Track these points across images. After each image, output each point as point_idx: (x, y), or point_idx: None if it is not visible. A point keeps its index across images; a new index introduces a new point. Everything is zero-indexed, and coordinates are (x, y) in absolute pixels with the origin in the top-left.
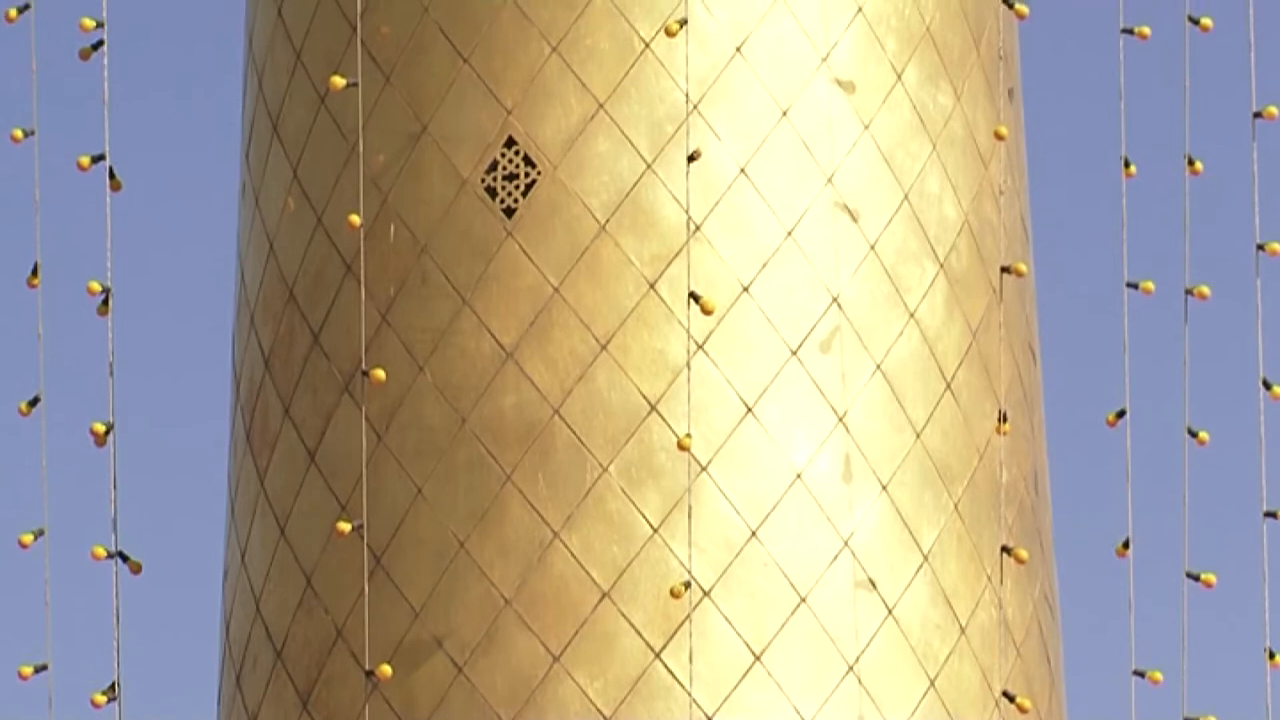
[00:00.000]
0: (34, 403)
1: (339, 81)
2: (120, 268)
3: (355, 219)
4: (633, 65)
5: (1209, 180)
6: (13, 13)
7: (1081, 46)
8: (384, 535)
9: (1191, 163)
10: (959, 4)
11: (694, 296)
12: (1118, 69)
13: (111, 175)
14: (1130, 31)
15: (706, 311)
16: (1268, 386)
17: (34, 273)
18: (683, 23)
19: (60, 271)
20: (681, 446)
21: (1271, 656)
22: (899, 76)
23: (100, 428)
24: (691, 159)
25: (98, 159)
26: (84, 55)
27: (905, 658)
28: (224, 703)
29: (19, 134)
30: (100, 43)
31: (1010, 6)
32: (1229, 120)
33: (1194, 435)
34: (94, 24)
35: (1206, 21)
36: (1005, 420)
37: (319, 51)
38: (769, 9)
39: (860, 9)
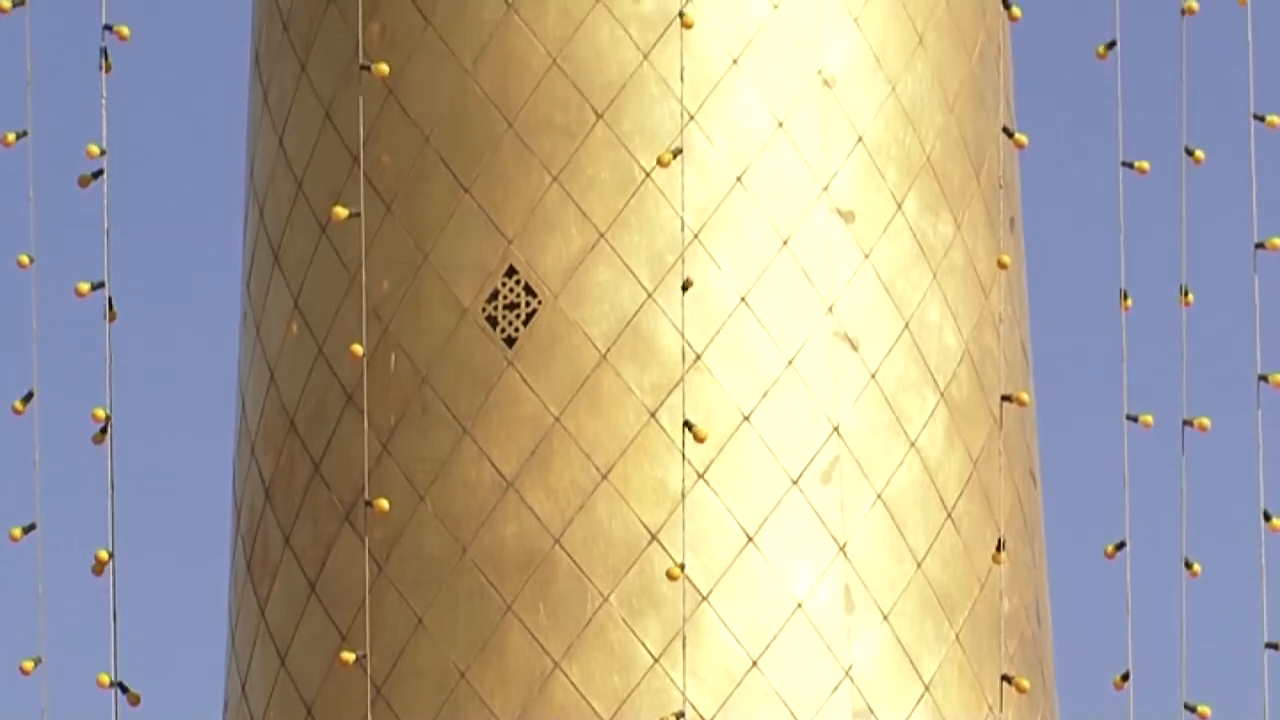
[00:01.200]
0: (29, 529)
1: (341, 212)
2: (120, 396)
3: (357, 349)
4: (633, 195)
5: (1209, 310)
6: (10, 137)
7: (1081, 177)
8: (384, 664)
9: (1185, 292)
10: (959, 133)
11: (688, 425)
12: (1117, 200)
13: (110, 305)
14: (1130, 165)
15: (699, 439)
16: (1268, 518)
17: (26, 398)
18: (676, 153)
19: (60, 399)
20: (671, 576)
21: None
22: (899, 206)
23: (102, 555)
24: (684, 288)
25: (98, 286)
26: (83, 182)
27: None
28: None
29: (25, 259)
30: (100, 171)
31: (1010, 136)
32: (1229, 252)
33: (1189, 567)
34: (98, 150)
35: (1199, 154)
36: (1003, 549)
37: (320, 181)
38: (769, 138)
39: (860, 138)
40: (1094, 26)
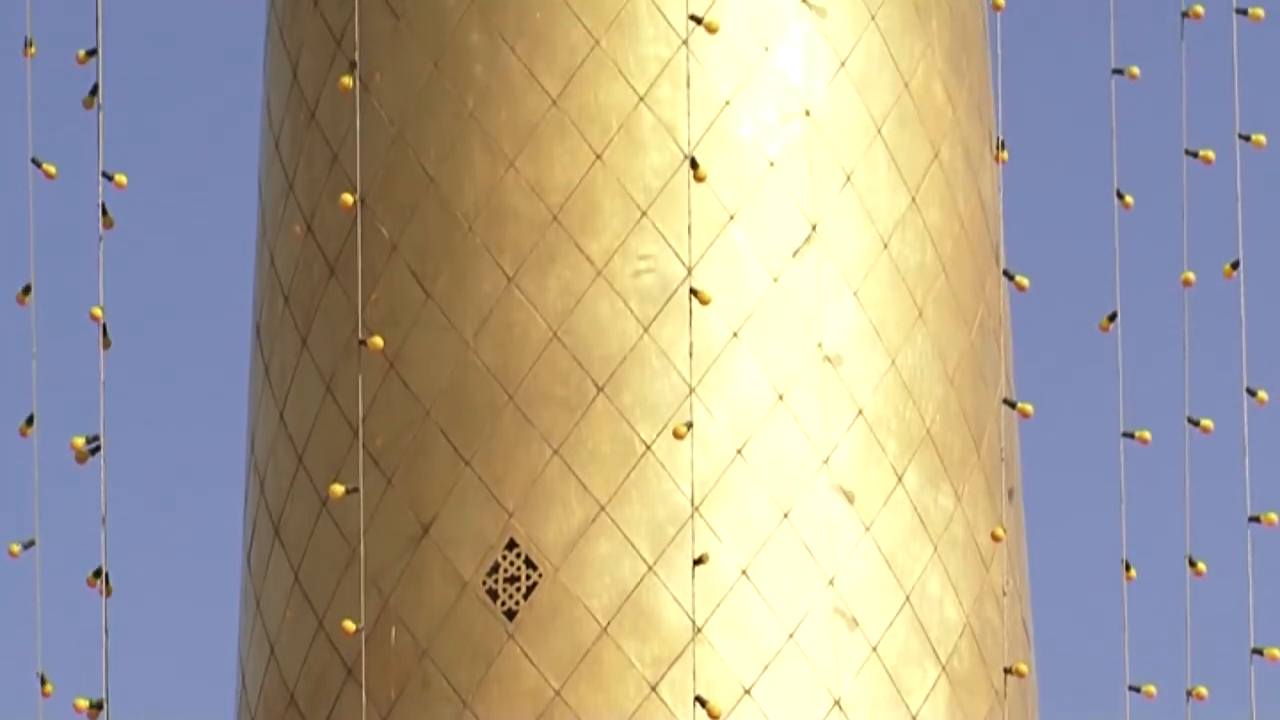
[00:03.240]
0: None
1: (338, 490)
2: (118, 677)
3: (349, 625)
4: (634, 468)
5: (1209, 583)
6: (25, 428)
7: (1082, 449)
8: None
9: (1193, 564)
10: (959, 406)
11: (700, 700)
12: (1119, 470)
13: (105, 579)
14: (1131, 435)
15: (713, 716)
16: None
17: (43, 681)
18: (689, 425)
19: (62, 680)
20: None
21: None
22: (900, 479)
23: None
24: (698, 563)
25: (97, 574)
26: (80, 458)
27: None
28: None
29: (15, 548)
30: (97, 448)
31: (1012, 406)
32: (1228, 523)
33: None
34: (82, 441)
35: (1207, 423)
36: None
37: (321, 454)
38: (770, 411)
39: (860, 411)
40: (1096, 298)
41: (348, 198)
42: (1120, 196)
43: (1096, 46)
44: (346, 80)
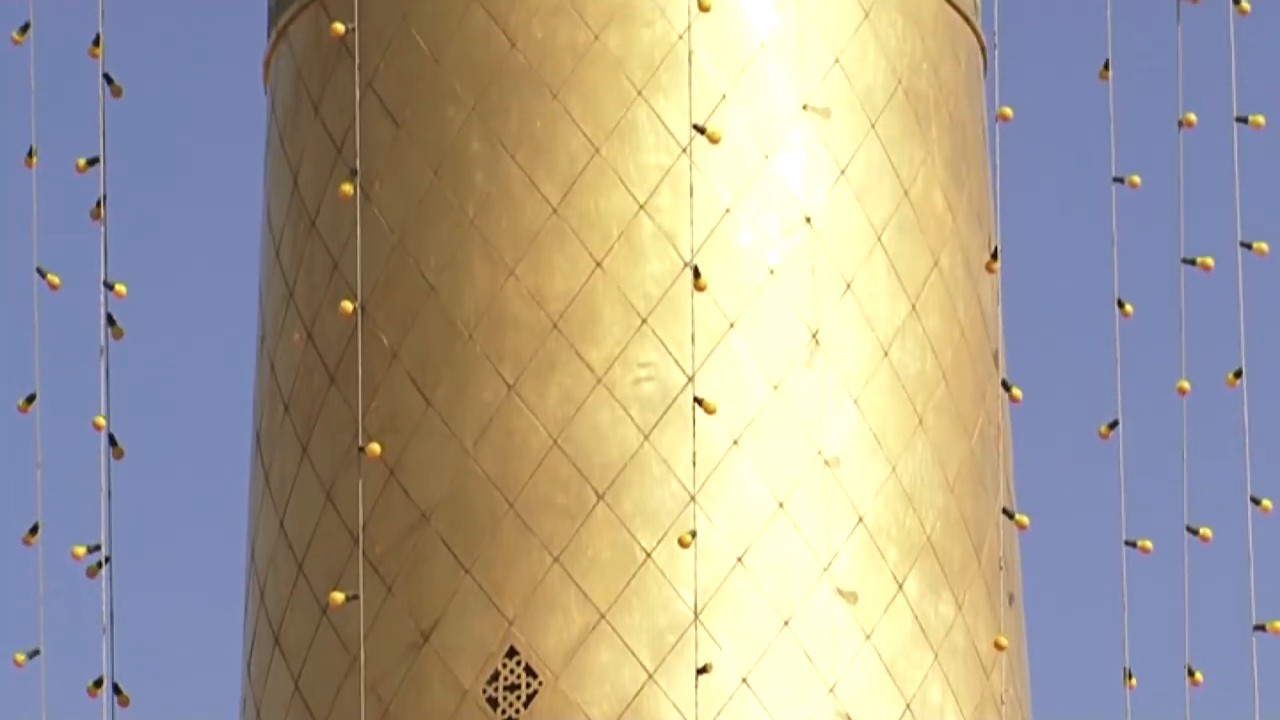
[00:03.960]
0: None
1: (338, 598)
2: None
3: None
4: (634, 575)
5: (1210, 692)
6: (29, 537)
7: (1084, 556)
8: None
9: (1191, 674)
10: (959, 513)
11: None
12: (1120, 579)
13: (116, 690)
14: (1133, 544)
15: None
16: None
17: None
18: (693, 534)
19: None
20: None
21: None
22: (900, 586)
23: None
24: (701, 672)
25: (98, 683)
26: (91, 573)
27: None
28: None
29: (20, 658)
30: (100, 563)
31: (1010, 517)
32: (1230, 631)
33: None
34: (84, 552)
35: (1206, 532)
36: None
37: (321, 562)
38: (770, 518)
39: (861, 519)
40: (1096, 406)
41: (348, 305)
42: (1120, 305)
43: (1097, 155)
44: (347, 188)
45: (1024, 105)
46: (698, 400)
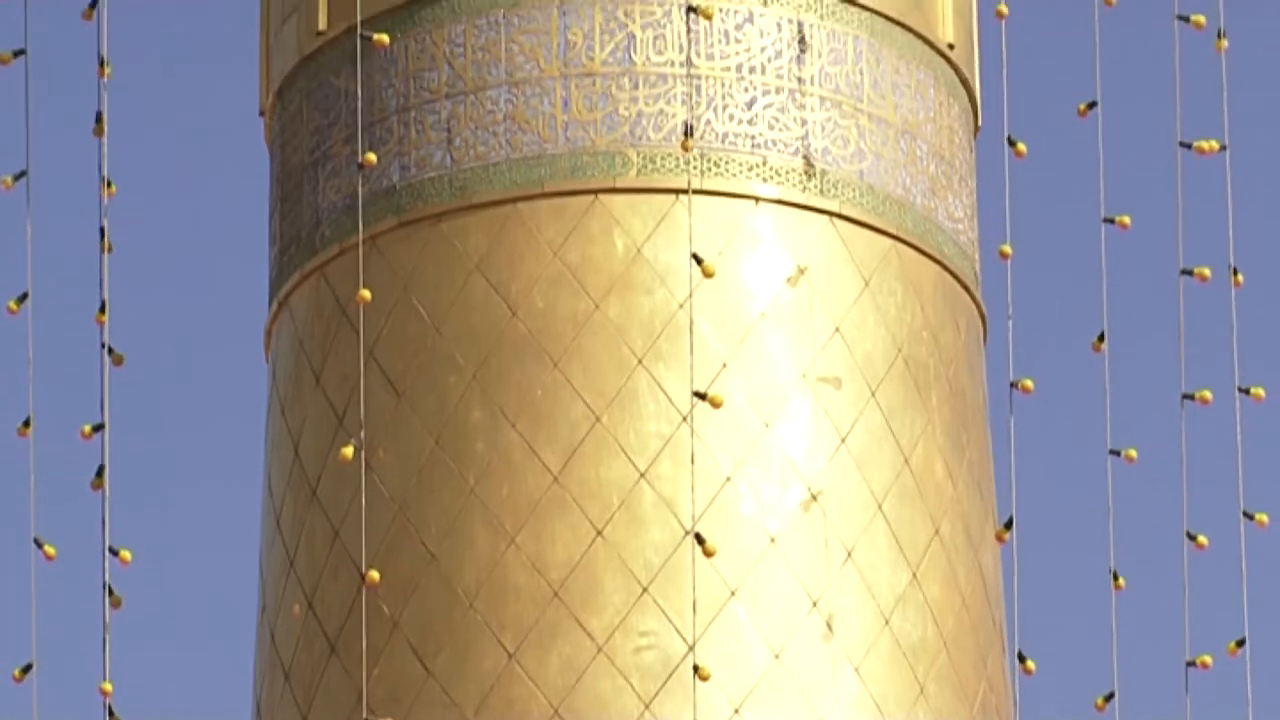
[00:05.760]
0: None
1: None
2: None
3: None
4: None
5: None
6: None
7: None
8: None
9: None
10: None
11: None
12: None
13: None
14: None
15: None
16: None
17: None
18: None
19: None
20: None
21: None
22: None
23: None
24: None
25: None
26: None
27: None
28: None
29: None
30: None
31: None
32: None
33: None
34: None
35: None
36: None
37: None
38: None
39: None
40: (1094, 677)
41: (348, 451)
42: (1115, 577)
43: (1092, 429)
44: (347, 451)
45: (1022, 374)
46: (696, 668)
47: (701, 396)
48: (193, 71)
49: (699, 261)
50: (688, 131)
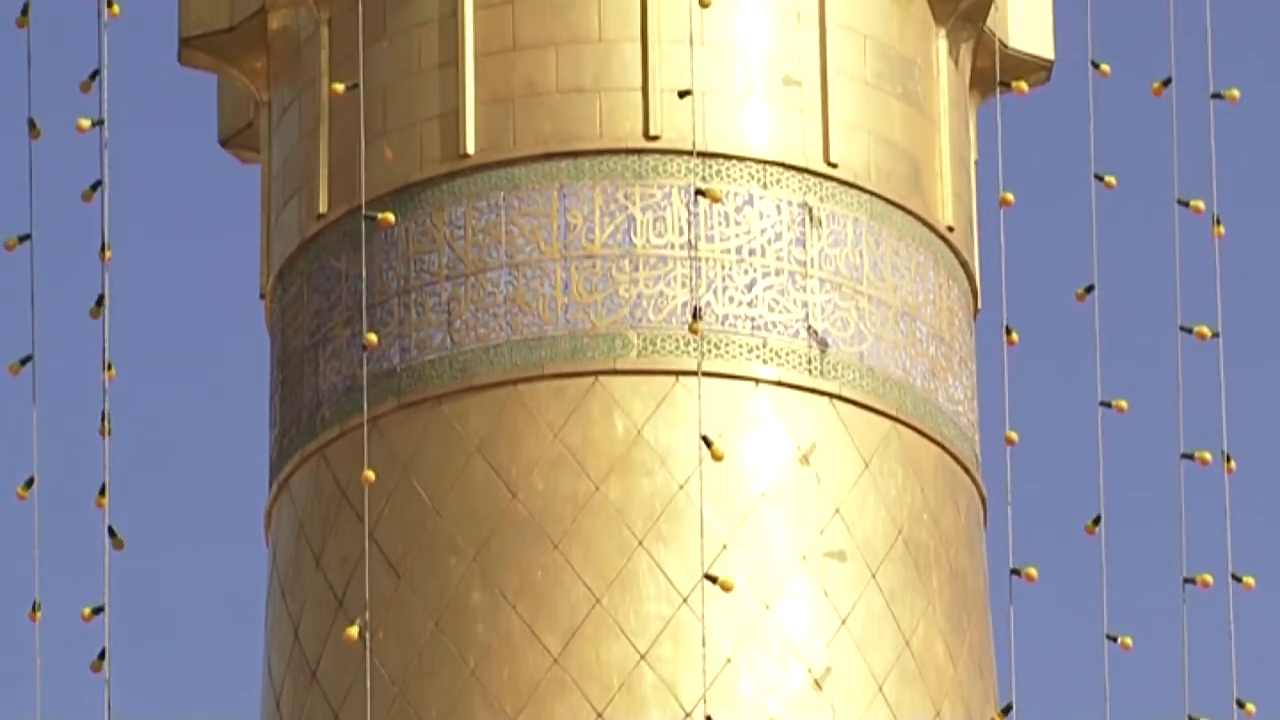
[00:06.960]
0: None
1: None
2: None
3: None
4: None
5: None
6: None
7: None
8: None
9: None
10: None
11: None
12: None
13: None
14: None
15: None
16: None
17: None
18: None
19: None
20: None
21: None
22: None
23: None
24: None
25: None
26: None
27: None
28: None
29: None
30: None
31: None
32: None
33: None
34: None
35: None
36: None
37: None
38: None
39: None
40: None
41: (353, 631)
42: None
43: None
44: (353, 631)
45: (1022, 557)
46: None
47: (713, 580)
48: (193, 252)
49: (709, 444)
50: (696, 314)
